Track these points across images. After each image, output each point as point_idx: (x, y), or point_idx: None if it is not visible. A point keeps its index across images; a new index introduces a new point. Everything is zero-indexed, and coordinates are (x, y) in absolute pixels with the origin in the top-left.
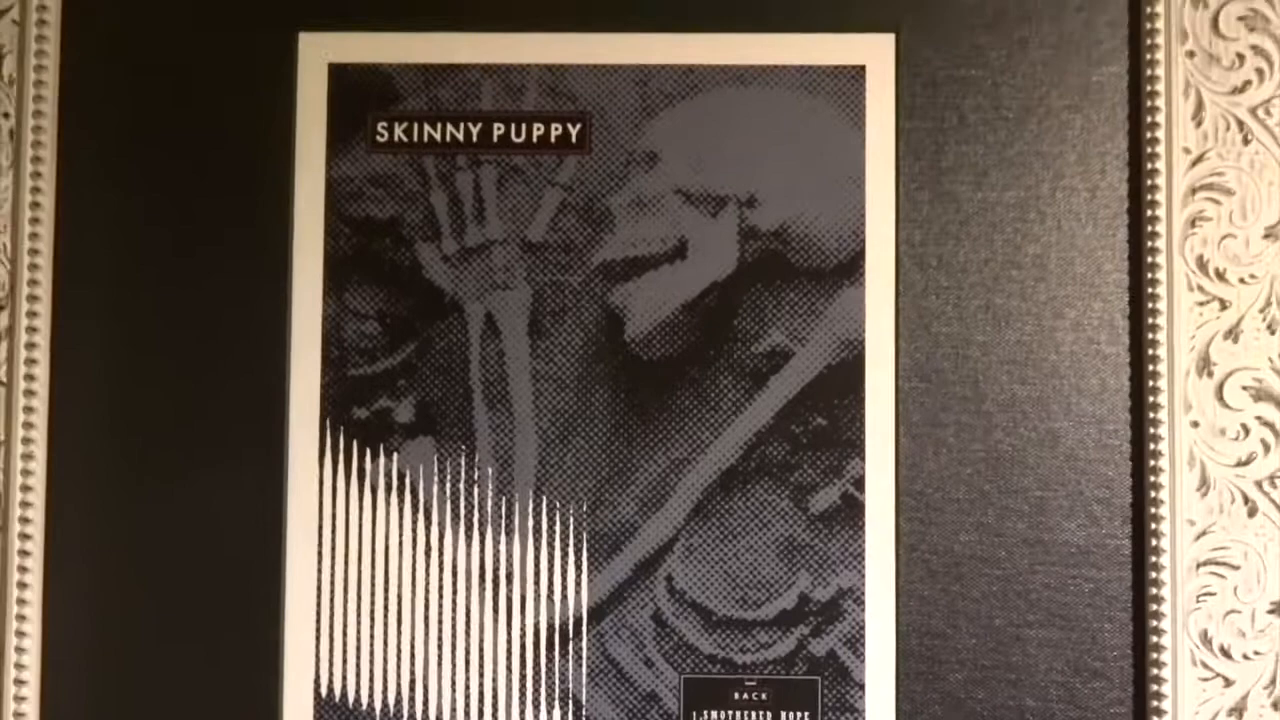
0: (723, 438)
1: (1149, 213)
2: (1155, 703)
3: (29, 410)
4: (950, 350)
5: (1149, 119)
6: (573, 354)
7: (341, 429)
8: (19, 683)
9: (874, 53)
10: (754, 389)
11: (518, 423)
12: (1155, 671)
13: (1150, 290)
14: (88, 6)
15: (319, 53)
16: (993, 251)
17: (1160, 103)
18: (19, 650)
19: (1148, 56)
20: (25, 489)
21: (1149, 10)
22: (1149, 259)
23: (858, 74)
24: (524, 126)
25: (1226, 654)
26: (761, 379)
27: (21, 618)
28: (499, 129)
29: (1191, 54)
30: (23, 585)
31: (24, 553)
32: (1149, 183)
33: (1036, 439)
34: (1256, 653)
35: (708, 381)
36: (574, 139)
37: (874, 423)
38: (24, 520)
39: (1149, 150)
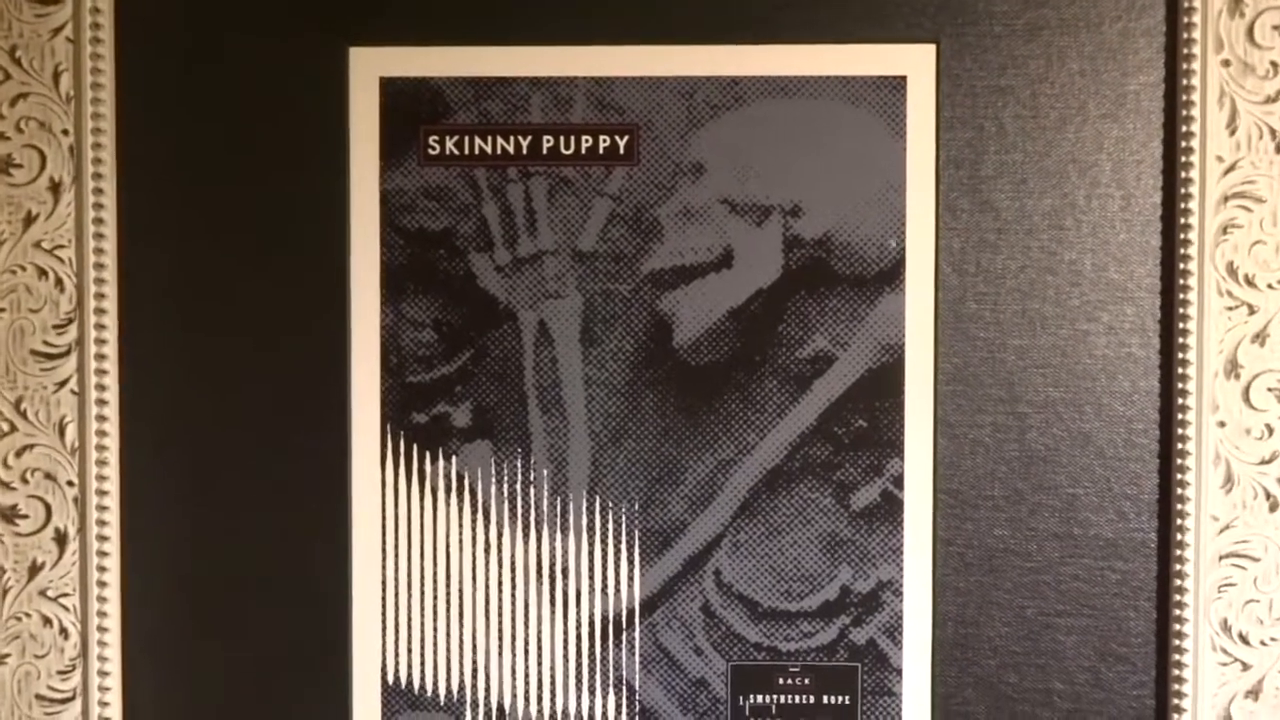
0: (768, 439)
1: (1181, 220)
2: (1176, 685)
3: (101, 419)
4: (987, 354)
5: (1183, 127)
6: (623, 360)
7: (402, 434)
8: (102, 674)
9: (915, 63)
10: (798, 392)
11: (571, 426)
12: (1177, 657)
13: (1181, 295)
14: (142, 24)
15: (370, 67)
16: (1029, 258)
17: (1195, 111)
18: (101, 644)
19: (1183, 66)
20: (101, 494)
21: (1185, 20)
22: (1180, 265)
23: (899, 84)
24: (573, 138)
25: (1245, 640)
26: (805, 383)
27: (103, 614)
28: (548, 141)
29: (1227, 63)
30: (102, 584)
31: (102, 554)
32: (1182, 190)
33: (1069, 438)
34: (1273, 639)
35: (753, 385)
36: (622, 150)
37: (913, 424)
38: (101, 523)
39: (1183, 158)
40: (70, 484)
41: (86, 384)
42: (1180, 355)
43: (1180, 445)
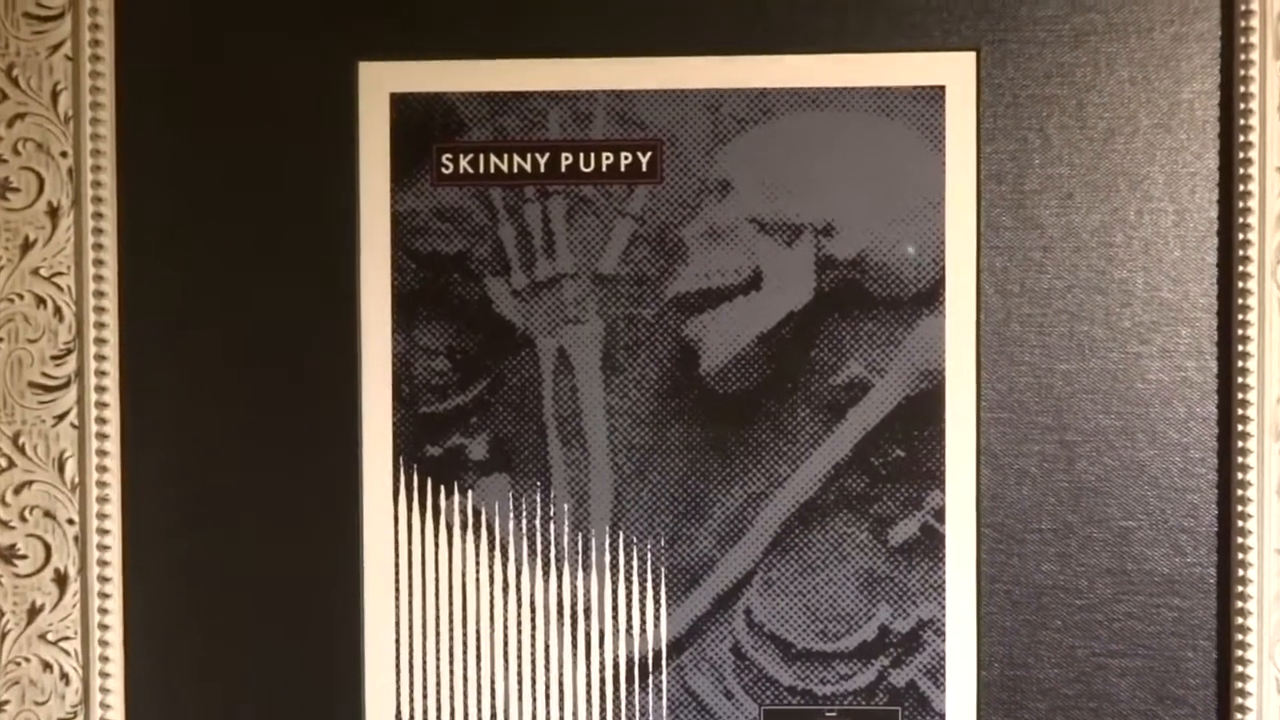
0: (801, 471)
1: (1240, 235)
2: None
3: (102, 454)
4: (1033, 379)
5: (1241, 137)
6: (647, 388)
7: (415, 467)
8: None
9: (954, 72)
10: (832, 421)
11: (593, 458)
12: (1239, 700)
13: (1240, 316)
14: (143, 40)
15: (380, 82)
16: (1077, 277)
17: (1254, 120)
18: (103, 690)
19: (1241, 72)
20: (102, 532)
21: (1242, 24)
22: (1239, 283)
23: (937, 94)
24: (593, 155)
25: None
26: (840, 411)
27: (105, 659)
28: (567, 158)
29: None
30: (104, 627)
31: (104, 595)
32: (1240, 204)
33: (1121, 468)
34: None
35: (785, 414)
36: (644, 168)
37: (954, 454)
38: (102, 563)
39: (1240, 170)
40: (71, 522)
41: (87, 417)
42: (1240, 379)
43: (1240, 475)
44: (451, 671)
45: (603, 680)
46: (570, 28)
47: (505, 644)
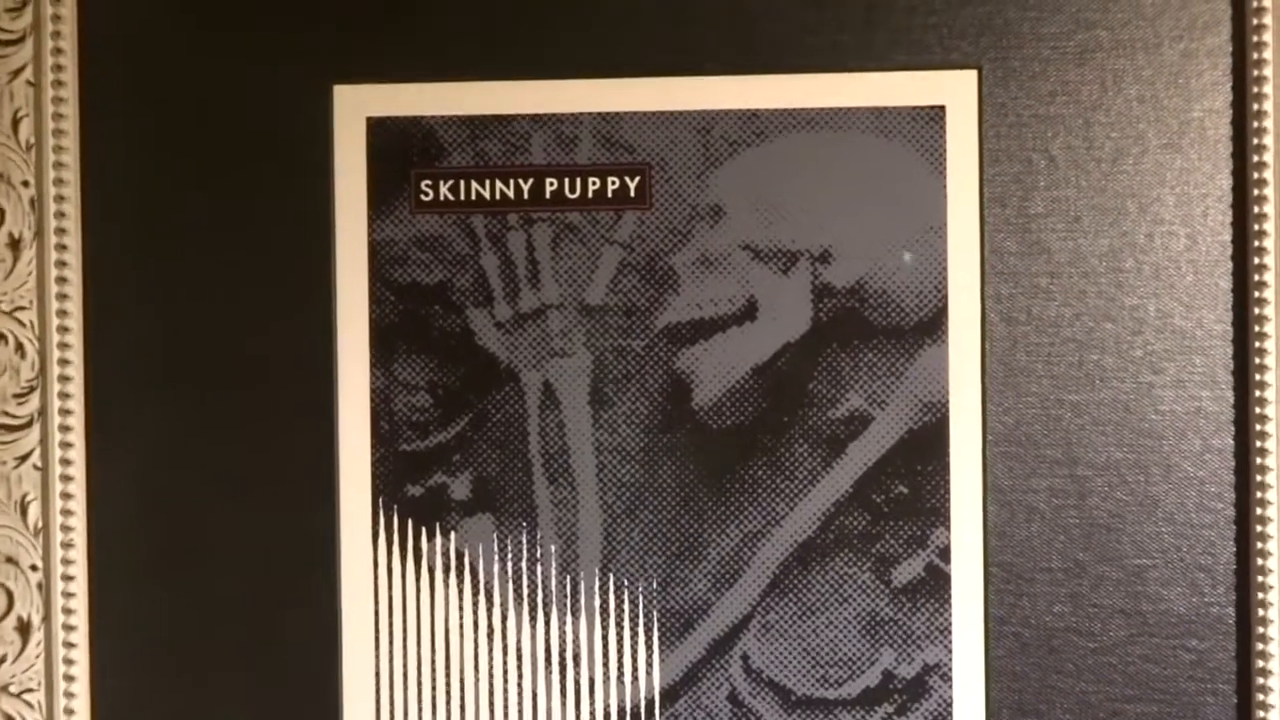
0: (799, 509)
1: (1255, 259)
2: None
3: (67, 497)
4: (1041, 411)
5: (1255, 157)
6: (637, 424)
7: (395, 507)
8: None
9: (954, 91)
10: (831, 456)
11: (581, 497)
12: None
13: (1257, 344)
14: (108, 64)
15: (356, 106)
16: (1085, 304)
17: (1268, 139)
18: None
19: (1254, 89)
20: (67, 579)
21: (1255, 39)
22: (1255, 309)
23: (937, 115)
24: (579, 180)
25: None
26: (839, 446)
27: (70, 711)
28: (552, 184)
29: None
30: (69, 679)
31: (69, 644)
32: (1255, 227)
33: (1134, 504)
34: None
35: (782, 450)
36: (633, 193)
37: (960, 490)
38: (67, 611)
39: (1255, 191)
40: (34, 568)
41: (51, 459)
42: (1257, 409)
43: (1260, 510)
44: None
45: None
46: (554, 47)
47: (491, 693)
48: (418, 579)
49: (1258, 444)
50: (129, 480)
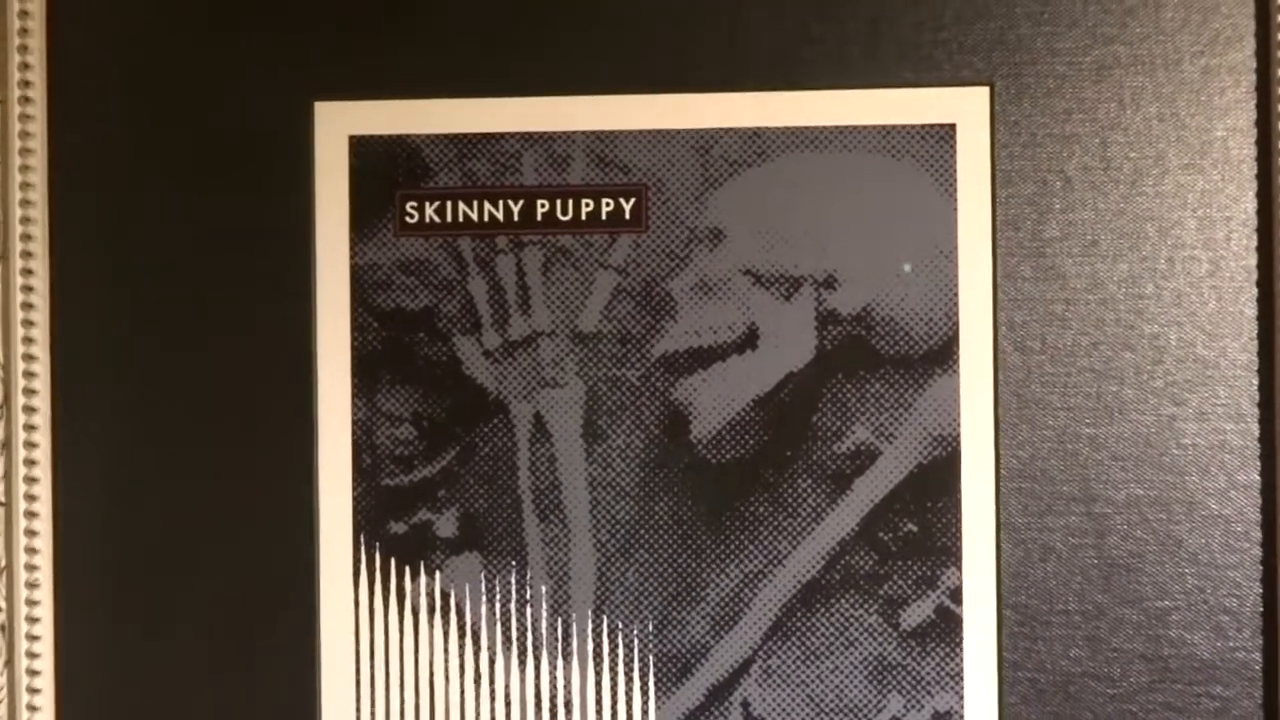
0: (802, 547)
1: None
2: None
3: (31, 534)
4: (1057, 445)
5: None
6: (632, 458)
7: (377, 545)
8: None
9: (966, 109)
10: (836, 493)
11: (573, 535)
12: None
13: None
14: (77, 81)
15: (338, 124)
16: (1103, 332)
17: None
18: None
19: (1278, 108)
20: (31, 620)
21: (1279, 55)
22: None
23: (947, 133)
24: (571, 202)
25: None
26: (845, 481)
27: None
28: (543, 205)
29: None
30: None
31: (33, 690)
32: None
33: (1155, 543)
34: None
35: (784, 485)
36: (628, 215)
37: (971, 528)
38: (31, 655)
39: None
40: None
41: (14, 494)
42: None
43: None
44: None
45: None
46: (546, 62)
47: None
48: (401, 621)
49: None
50: (96, 513)
